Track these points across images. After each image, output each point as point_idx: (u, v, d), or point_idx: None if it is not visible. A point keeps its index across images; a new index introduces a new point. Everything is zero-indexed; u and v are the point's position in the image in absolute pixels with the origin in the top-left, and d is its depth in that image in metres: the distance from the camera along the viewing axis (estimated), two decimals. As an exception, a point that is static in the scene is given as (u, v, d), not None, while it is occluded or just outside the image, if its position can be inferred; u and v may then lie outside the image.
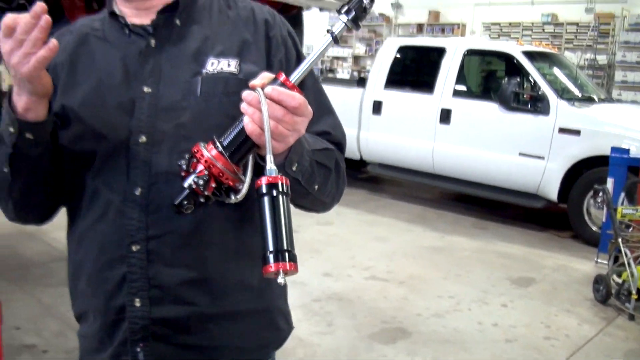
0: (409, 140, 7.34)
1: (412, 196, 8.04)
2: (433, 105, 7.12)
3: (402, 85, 7.73)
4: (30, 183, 1.20)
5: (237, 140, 1.05)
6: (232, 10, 1.28)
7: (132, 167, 1.16)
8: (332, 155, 1.24)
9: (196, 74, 1.19)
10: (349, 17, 1.08)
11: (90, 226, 1.21)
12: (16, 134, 1.10)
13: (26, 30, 0.99)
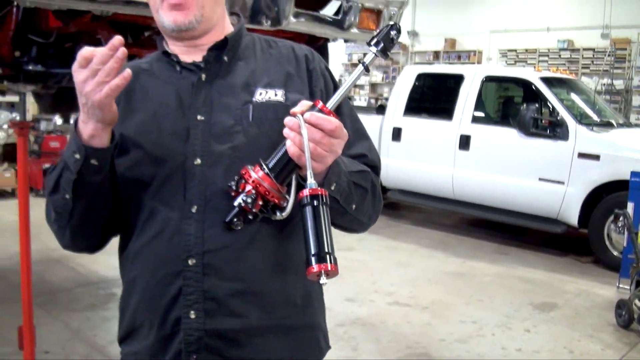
0: (429, 167, 7.42)
1: (432, 222, 8.08)
2: (452, 132, 7.20)
3: (421, 112, 7.83)
4: (89, 209, 1.29)
5: (281, 162, 1.19)
6: (274, 49, 1.43)
7: (189, 187, 1.27)
8: (368, 176, 1.36)
9: (247, 102, 1.32)
10: (378, 48, 1.22)
11: (146, 244, 1.30)
12: (82, 160, 1.20)
13: (102, 61, 1.10)
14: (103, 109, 1.15)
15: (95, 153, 1.20)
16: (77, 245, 1.40)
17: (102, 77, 1.11)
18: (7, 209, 7.96)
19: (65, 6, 2.29)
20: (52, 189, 1.27)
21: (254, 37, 1.45)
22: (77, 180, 1.22)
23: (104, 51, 1.10)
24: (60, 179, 1.25)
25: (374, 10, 3.11)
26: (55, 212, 1.30)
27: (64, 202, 1.26)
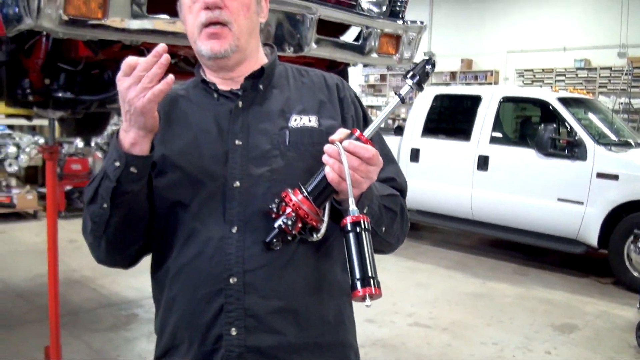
0: (447, 187, 7.43)
1: (451, 242, 8.09)
2: (470, 152, 7.22)
3: (439, 133, 7.87)
4: (126, 220, 1.35)
5: (319, 187, 1.27)
6: (305, 77, 1.52)
7: (228, 208, 1.34)
8: (398, 200, 1.45)
9: (283, 127, 1.40)
10: (414, 81, 1.31)
11: (187, 263, 1.36)
12: (122, 167, 1.26)
13: (146, 68, 1.18)
14: (145, 115, 1.21)
15: (135, 160, 1.26)
16: (112, 259, 1.45)
17: (146, 82, 1.17)
18: (29, 231, 8.09)
19: (96, 37, 2.37)
20: (91, 199, 1.33)
21: (286, 67, 1.53)
22: (115, 188, 1.28)
23: (148, 58, 1.18)
24: (99, 188, 1.31)
25: (393, 35, 3.17)
26: (92, 222, 1.35)
27: (102, 211, 1.31)
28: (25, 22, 2.13)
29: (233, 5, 1.36)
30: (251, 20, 1.41)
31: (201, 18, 1.36)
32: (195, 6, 1.37)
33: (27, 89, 2.84)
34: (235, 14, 1.37)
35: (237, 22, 1.37)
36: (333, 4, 2.95)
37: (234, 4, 1.36)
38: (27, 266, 6.27)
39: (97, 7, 2.21)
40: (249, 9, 1.40)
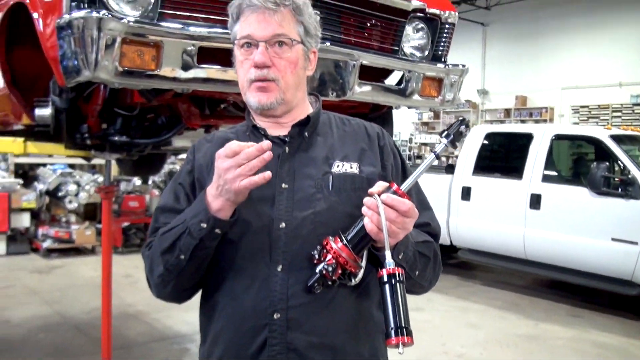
0: (499, 226, 7.33)
1: (504, 282, 7.95)
2: (522, 191, 7.13)
3: (491, 171, 7.82)
4: (197, 269, 1.48)
5: (358, 236, 1.37)
6: (347, 126, 1.64)
7: (274, 247, 1.45)
8: (431, 246, 1.55)
9: (326, 173, 1.51)
10: (448, 139, 1.42)
11: (234, 298, 1.47)
12: (208, 229, 1.39)
13: (248, 157, 1.32)
14: (238, 195, 1.36)
15: (219, 224, 1.40)
16: (172, 297, 1.58)
17: (246, 171, 1.33)
18: (86, 265, 8.36)
19: (149, 86, 2.53)
20: (167, 249, 1.46)
21: (329, 115, 1.65)
22: (197, 245, 1.41)
23: (252, 150, 1.33)
24: (178, 241, 1.43)
25: (435, 78, 3.23)
26: (165, 269, 1.47)
27: (178, 261, 1.44)
28: (83, 74, 2.29)
29: (280, 63, 1.49)
30: (298, 76, 1.53)
31: (251, 75, 1.49)
32: (246, 62, 1.50)
33: (86, 133, 3.01)
34: (282, 71, 1.49)
35: (284, 78, 1.49)
36: (375, 50, 3.05)
37: (282, 62, 1.49)
38: (84, 299, 6.49)
39: (150, 59, 2.36)
40: (295, 66, 1.52)
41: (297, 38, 1.52)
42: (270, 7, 1.47)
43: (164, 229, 1.50)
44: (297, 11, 1.51)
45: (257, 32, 1.48)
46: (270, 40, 1.48)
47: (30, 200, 9.14)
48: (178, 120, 3.08)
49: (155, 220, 1.58)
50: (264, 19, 1.47)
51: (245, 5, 1.49)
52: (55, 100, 2.82)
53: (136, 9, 2.39)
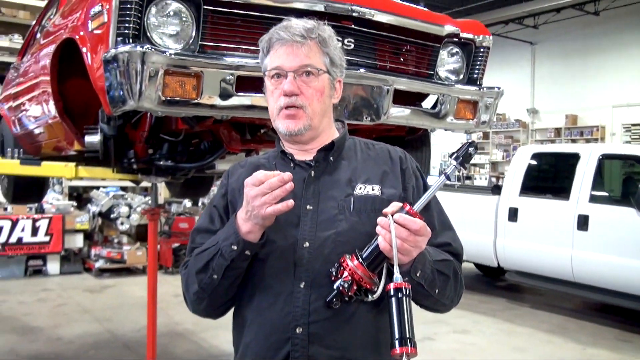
0: (547, 248, 7.21)
1: (552, 305, 7.81)
2: (569, 212, 7.02)
3: (538, 192, 7.72)
4: (230, 287, 1.59)
5: (372, 254, 1.46)
6: (371, 150, 1.73)
7: (298, 266, 1.55)
8: (451, 264, 1.61)
9: (348, 195, 1.61)
10: (457, 162, 1.50)
11: (260, 313, 1.57)
12: (238, 251, 1.51)
13: (271, 187, 1.43)
14: (265, 220, 1.47)
15: (249, 246, 1.51)
16: (208, 313, 1.70)
17: (270, 199, 1.44)
18: (137, 285, 8.57)
19: (191, 114, 2.66)
20: (201, 269, 1.58)
21: (355, 140, 1.76)
22: (228, 265, 1.53)
23: (275, 181, 1.44)
24: (211, 262, 1.55)
25: (470, 101, 3.28)
26: (200, 287, 1.60)
27: (211, 280, 1.57)
28: (128, 104, 2.44)
29: (308, 91, 1.60)
30: (324, 103, 1.64)
31: (280, 102, 1.61)
32: (276, 92, 1.62)
33: (132, 158, 3.17)
34: (309, 99, 1.61)
35: (311, 105, 1.61)
36: (410, 74, 3.12)
37: (309, 91, 1.60)
38: (134, 318, 6.67)
39: (191, 88, 2.49)
40: (322, 94, 1.63)
41: (323, 68, 1.63)
42: (297, 40, 1.59)
43: (199, 249, 1.62)
44: (323, 43, 1.63)
45: (286, 63, 1.59)
46: (298, 70, 1.59)
47: (84, 221, 9.48)
48: (220, 145, 3.20)
49: (192, 241, 1.70)
50: (292, 51, 1.59)
51: (275, 39, 1.61)
52: (103, 127, 2.98)
53: (178, 42, 2.53)
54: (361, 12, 2.77)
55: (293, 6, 2.69)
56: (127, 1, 2.41)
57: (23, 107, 4.39)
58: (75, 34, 2.89)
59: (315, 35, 1.61)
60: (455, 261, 1.64)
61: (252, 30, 2.68)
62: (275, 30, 1.62)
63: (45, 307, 7.44)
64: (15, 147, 4.94)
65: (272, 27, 1.65)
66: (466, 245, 6.39)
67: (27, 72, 4.29)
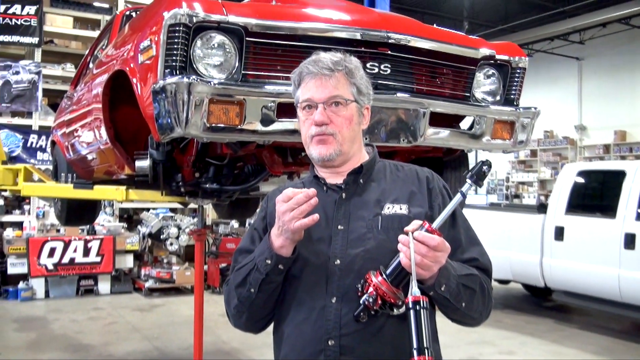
0: (593, 267, 7.08)
1: (600, 326, 7.65)
2: (616, 230, 6.90)
3: (584, 210, 7.61)
4: (267, 300, 1.71)
5: (395, 270, 1.55)
6: (400, 172, 1.83)
7: (330, 282, 1.66)
8: (476, 279, 1.69)
9: (377, 214, 1.71)
10: (472, 180, 1.60)
11: (296, 326, 1.68)
12: (272, 265, 1.63)
13: (298, 203, 1.56)
14: (294, 234, 1.59)
15: (282, 260, 1.64)
16: (247, 327, 1.82)
17: (297, 214, 1.56)
18: (185, 304, 8.73)
19: (234, 140, 2.79)
20: (239, 284, 1.71)
21: (385, 163, 1.86)
22: (264, 279, 1.65)
23: (301, 197, 1.56)
24: (248, 276, 1.68)
25: (506, 121, 3.32)
26: (239, 301, 1.72)
27: (249, 294, 1.69)
28: (176, 131, 2.59)
29: (338, 120, 1.72)
30: (353, 130, 1.76)
31: (312, 131, 1.73)
32: (307, 121, 1.75)
33: (180, 181, 3.31)
34: (339, 127, 1.73)
35: (340, 132, 1.73)
36: (446, 97, 3.19)
37: (339, 119, 1.73)
38: (182, 336, 6.82)
39: (234, 115, 2.62)
40: (351, 122, 1.75)
41: (350, 98, 1.74)
42: (325, 73, 1.71)
43: (238, 266, 1.74)
44: (350, 74, 1.74)
45: (316, 95, 1.72)
46: (327, 101, 1.71)
47: (134, 242, 9.73)
48: (263, 168, 3.32)
49: (235, 260, 1.82)
50: (321, 84, 1.71)
51: (305, 73, 1.74)
52: (153, 153, 3.14)
53: (222, 72, 2.67)
54: (397, 38, 2.86)
55: (331, 35, 2.80)
56: (175, 36, 2.56)
57: (76, 134, 4.61)
58: (125, 66, 3.07)
59: (342, 67, 1.73)
60: (482, 275, 1.71)
61: (292, 58, 2.79)
62: (305, 64, 1.75)
63: (96, 325, 7.67)
64: (68, 172, 5.18)
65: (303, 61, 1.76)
66: (513, 265, 6.47)
67: (80, 101, 4.51)
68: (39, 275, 8.99)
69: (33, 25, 10.00)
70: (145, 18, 3.07)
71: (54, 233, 9.52)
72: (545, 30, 16.41)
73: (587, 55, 17.51)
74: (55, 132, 5.74)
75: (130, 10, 4.70)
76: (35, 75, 9.99)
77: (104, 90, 3.48)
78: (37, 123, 10.22)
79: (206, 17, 2.60)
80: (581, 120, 17.70)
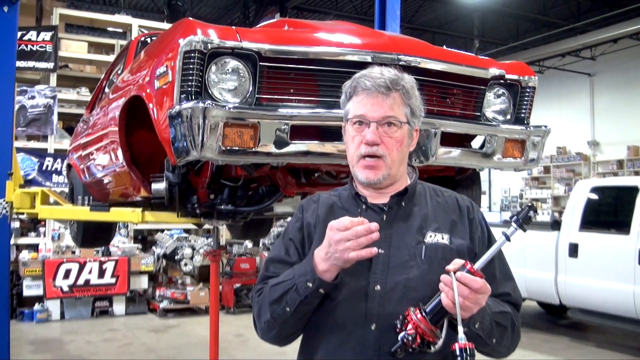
0: (608, 284, 7.03)
1: (616, 344, 7.60)
2: (630, 246, 6.86)
3: (597, 227, 7.59)
4: (299, 320, 1.68)
5: (435, 308, 1.54)
6: (440, 197, 1.81)
7: (369, 307, 1.63)
8: (508, 316, 1.68)
9: (419, 242, 1.68)
10: (517, 224, 1.59)
11: (330, 351, 1.66)
12: (313, 289, 1.59)
13: (357, 235, 1.51)
14: (346, 263, 1.55)
15: (325, 285, 1.60)
16: (276, 341, 1.77)
17: (354, 246, 1.52)
18: (200, 325, 8.77)
19: (248, 162, 2.84)
20: (275, 301, 1.66)
21: (424, 186, 1.84)
22: (302, 300, 1.61)
23: (361, 230, 1.51)
24: (286, 295, 1.63)
25: (517, 140, 3.35)
26: (272, 317, 1.68)
27: (283, 312, 1.65)
28: (192, 154, 2.64)
29: (389, 142, 1.69)
30: (402, 153, 1.73)
31: (361, 150, 1.70)
32: (357, 138, 1.71)
33: (195, 203, 3.35)
34: (390, 149, 1.69)
35: (390, 155, 1.69)
36: (457, 116, 3.22)
37: (390, 141, 1.69)
38: (197, 357, 6.84)
39: (249, 138, 2.67)
40: (401, 144, 1.72)
41: (404, 120, 1.71)
42: (382, 92, 1.68)
43: (275, 280, 1.69)
44: (406, 95, 1.72)
45: (369, 113, 1.68)
46: (381, 121, 1.68)
47: (149, 263, 9.78)
48: (277, 189, 3.36)
49: (266, 269, 1.79)
50: (377, 102, 1.68)
51: (361, 89, 1.70)
52: (168, 176, 3.19)
53: (236, 96, 2.72)
54: (407, 60, 2.90)
55: (343, 59, 2.85)
56: (190, 62, 2.62)
57: (92, 157, 4.68)
58: (142, 92, 3.14)
59: (400, 87, 1.70)
60: (513, 311, 1.71)
61: (305, 82, 2.87)
62: (361, 78, 1.71)
63: (111, 346, 7.70)
64: (84, 194, 5.25)
65: (357, 73, 1.74)
66: (528, 283, 6.46)
67: (96, 124, 4.59)
68: (55, 297, 9.05)
69: (48, 51, 10.16)
70: (161, 45, 3.13)
71: (69, 255, 9.59)
72: (556, 47, 16.44)
73: (598, 71, 17.52)
74: (71, 155, 5.82)
75: (145, 37, 4.79)
76: (50, 99, 10.13)
77: (121, 114, 3.54)
78: (53, 146, 10.34)
79: (221, 44, 2.66)
80: (594, 136, 17.66)
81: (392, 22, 5.58)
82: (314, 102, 2.86)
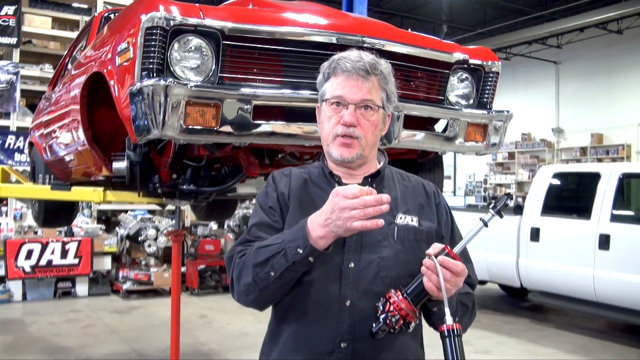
0: (568, 267, 7.19)
1: (576, 326, 7.77)
2: (591, 231, 7.02)
3: (559, 212, 7.74)
4: (280, 288, 1.65)
5: (416, 290, 1.60)
6: (407, 181, 1.86)
7: (343, 284, 1.66)
8: (471, 297, 1.78)
9: (391, 223, 1.73)
10: (495, 211, 1.63)
11: (303, 325, 1.68)
12: (303, 256, 1.57)
13: (365, 205, 1.49)
14: (347, 232, 1.53)
15: (316, 253, 1.58)
16: (253, 305, 1.75)
17: (361, 215, 1.49)
18: (164, 306, 8.69)
19: (210, 141, 2.81)
20: (259, 264, 1.62)
21: (391, 170, 1.88)
22: (289, 267, 1.59)
23: (370, 200, 1.48)
24: (272, 259, 1.60)
25: (479, 124, 3.38)
26: (253, 281, 1.64)
27: (267, 276, 1.62)
28: (153, 133, 2.61)
29: (365, 124, 1.71)
30: (376, 136, 1.76)
31: (337, 130, 1.71)
32: (333, 118, 1.72)
33: (157, 183, 3.32)
34: (365, 131, 1.71)
35: (365, 137, 1.72)
36: (421, 100, 3.24)
37: (366, 124, 1.71)
38: (160, 338, 6.80)
39: (211, 117, 2.65)
40: (376, 128, 1.75)
41: (380, 104, 1.73)
42: (362, 75, 1.69)
43: (261, 243, 1.65)
44: (384, 80, 1.74)
45: (349, 95, 1.69)
46: (359, 103, 1.69)
47: (112, 244, 9.68)
48: (240, 169, 3.35)
49: (248, 232, 1.75)
50: (356, 85, 1.69)
51: (341, 70, 1.71)
52: (130, 154, 3.15)
53: (199, 74, 2.70)
54: (372, 43, 2.90)
55: (307, 39, 2.83)
56: (152, 39, 2.58)
57: (54, 135, 4.60)
58: (103, 68, 3.09)
59: (378, 71, 1.72)
60: (473, 293, 1.80)
61: (268, 62, 2.84)
62: (340, 59, 1.71)
63: (74, 327, 7.62)
64: (46, 173, 5.16)
65: (335, 55, 1.75)
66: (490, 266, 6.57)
67: (59, 102, 4.51)
68: (16, 277, 8.90)
69: (11, 26, 9.92)
70: (123, 20, 3.08)
71: (31, 235, 9.44)
72: (523, 34, 16.61)
73: (564, 59, 17.77)
74: (33, 133, 5.72)
75: (109, 12, 4.70)
76: (13, 75, 9.91)
77: (82, 91, 3.48)
78: (15, 124, 10.14)
79: (183, 21, 2.62)
80: (558, 123, 17.94)
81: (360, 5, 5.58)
82: (278, 82, 2.85)
